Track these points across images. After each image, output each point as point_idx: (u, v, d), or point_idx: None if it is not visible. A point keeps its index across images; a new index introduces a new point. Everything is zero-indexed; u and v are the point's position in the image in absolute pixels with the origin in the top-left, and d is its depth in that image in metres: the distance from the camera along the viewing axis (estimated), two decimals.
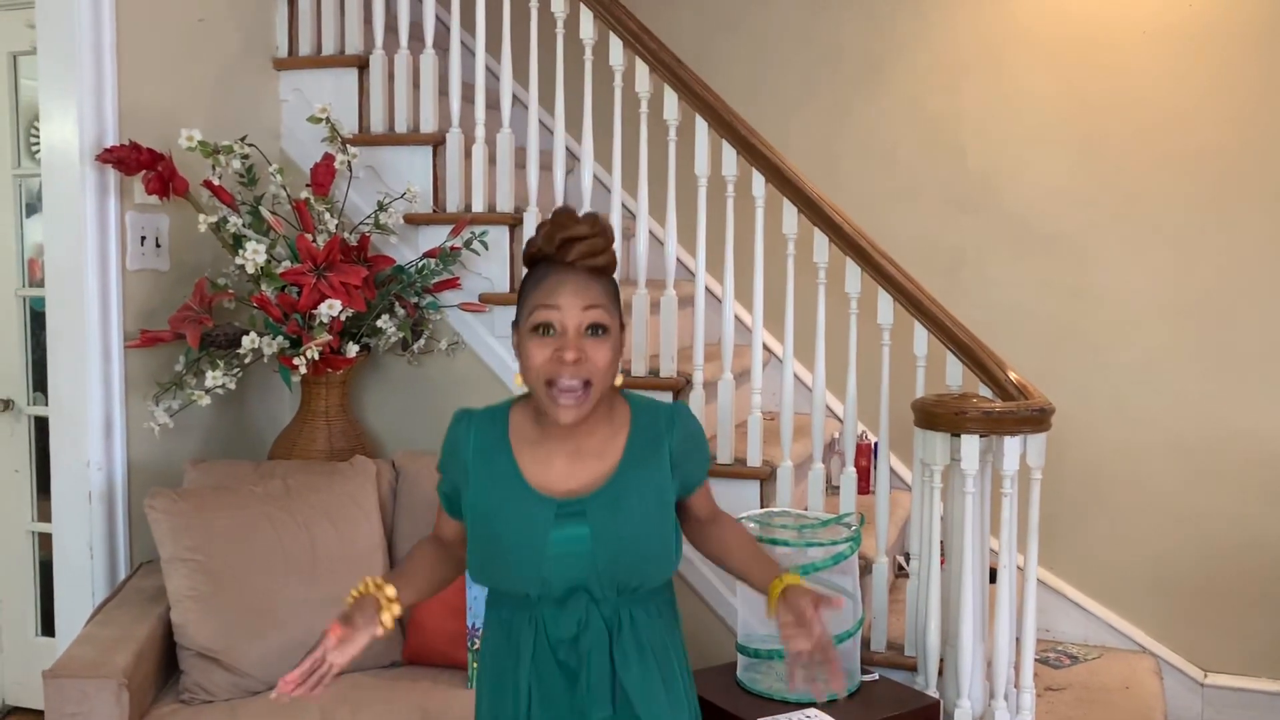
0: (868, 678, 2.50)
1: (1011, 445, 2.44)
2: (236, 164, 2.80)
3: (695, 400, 2.96)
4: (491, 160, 3.15)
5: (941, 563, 2.59)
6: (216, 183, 2.77)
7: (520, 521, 1.54)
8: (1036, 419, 2.45)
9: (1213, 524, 3.36)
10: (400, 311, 2.96)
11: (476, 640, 2.46)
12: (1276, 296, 3.29)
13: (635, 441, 1.58)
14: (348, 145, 2.95)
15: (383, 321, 2.89)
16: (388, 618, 1.56)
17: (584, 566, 1.53)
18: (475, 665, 2.05)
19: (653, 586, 1.59)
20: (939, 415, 2.47)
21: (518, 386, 1.57)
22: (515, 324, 1.55)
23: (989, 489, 2.59)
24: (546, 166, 3.28)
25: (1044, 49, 3.48)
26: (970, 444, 2.43)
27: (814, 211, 2.80)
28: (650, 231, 3.07)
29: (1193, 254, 3.36)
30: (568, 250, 1.49)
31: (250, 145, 2.85)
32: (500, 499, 1.55)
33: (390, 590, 1.58)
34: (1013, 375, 2.59)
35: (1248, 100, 3.29)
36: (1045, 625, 3.49)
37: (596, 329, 1.50)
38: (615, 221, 3.04)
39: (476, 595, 2.46)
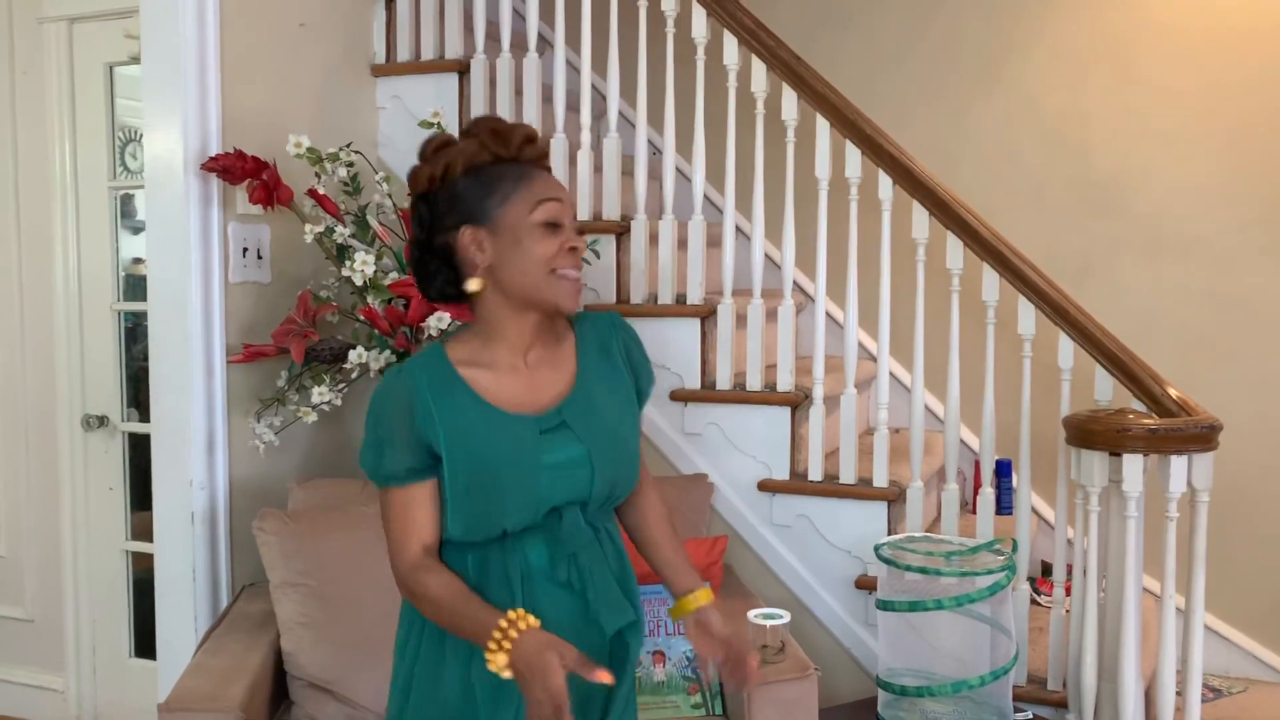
0: (1020, 716, 2.32)
1: (1178, 465, 2.25)
2: (342, 172, 2.70)
3: (815, 415, 2.81)
4: (597, 168, 3.03)
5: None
6: (321, 191, 2.67)
7: (509, 446, 1.47)
8: (1205, 437, 2.26)
9: None
10: None
11: None
12: None
13: (584, 347, 1.57)
14: None
15: None
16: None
17: (583, 480, 1.49)
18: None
19: (624, 498, 1.58)
20: (1096, 433, 2.28)
21: (474, 287, 1.50)
22: (477, 221, 1.49)
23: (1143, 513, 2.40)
24: (655, 176, 3.15)
25: (1178, 41, 3.28)
26: (1133, 464, 2.24)
27: (947, 214, 2.64)
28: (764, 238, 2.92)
29: None
30: (528, 150, 1.53)
31: (355, 152, 2.75)
32: (480, 430, 1.47)
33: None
34: (1172, 390, 2.40)
35: None
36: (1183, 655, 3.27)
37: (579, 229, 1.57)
38: (728, 231, 2.91)
39: None
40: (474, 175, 1.51)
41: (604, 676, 1.32)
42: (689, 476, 2.87)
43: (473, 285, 1.50)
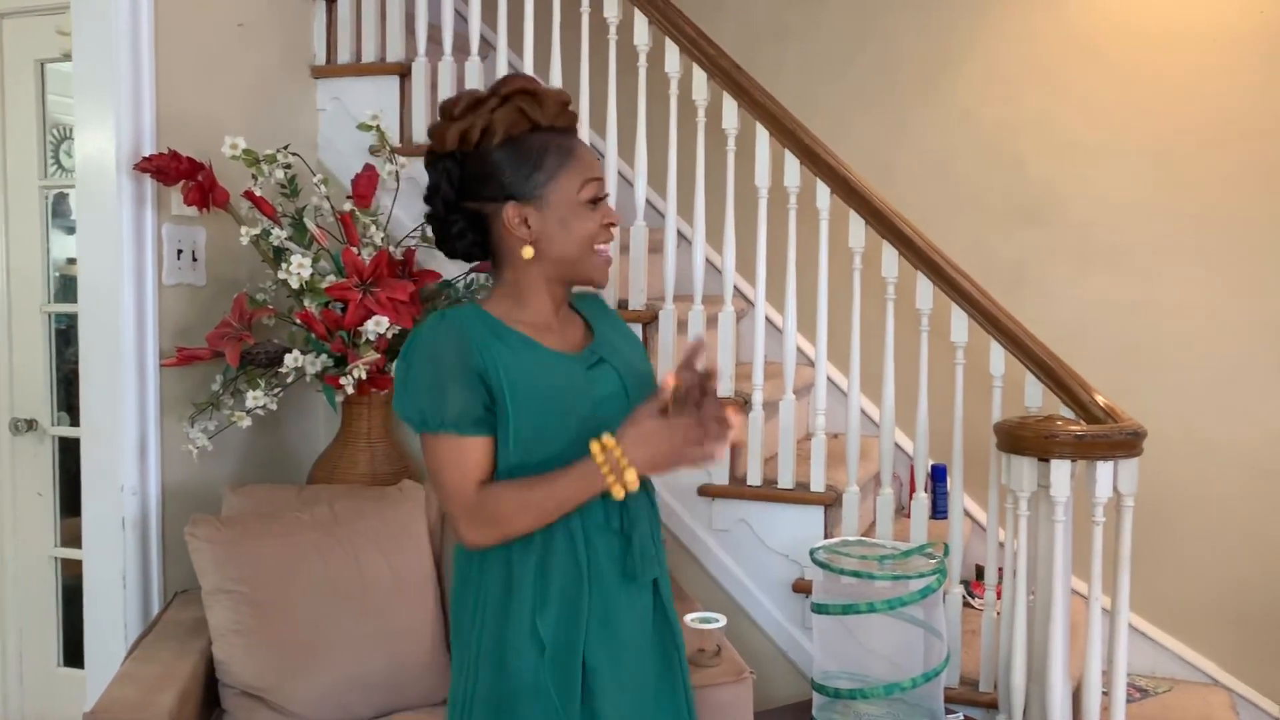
0: (951, 717, 2.36)
1: (1104, 471, 2.30)
2: (279, 174, 2.68)
3: (755, 421, 2.83)
4: None
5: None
6: (258, 193, 2.64)
7: (568, 380, 1.51)
8: (1130, 443, 2.32)
9: None
10: None
11: None
12: None
13: (587, 311, 1.65)
14: (396, 155, 2.83)
15: None
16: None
17: (624, 412, 1.49)
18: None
19: None
20: (1026, 439, 2.33)
21: (529, 255, 1.52)
22: (523, 196, 1.50)
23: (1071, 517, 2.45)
24: None
25: (1104, 59, 3.36)
26: (1060, 469, 2.30)
27: (883, 224, 2.68)
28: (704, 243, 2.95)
29: (1268, 268, 3.23)
30: (565, 116, 1.54)
31: (293, 154, 2.73)
32: (538, 368, 1.50)
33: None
34: (1099, 398, 2.45)
35: None
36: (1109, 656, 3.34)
37: None
38: (670, 237, 2.93)
39: None
40: (512, 144, 1.51)
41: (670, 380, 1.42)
42: None
43: (528, 253, 1.51)
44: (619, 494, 1.42)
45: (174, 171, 2.51)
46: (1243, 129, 3.24)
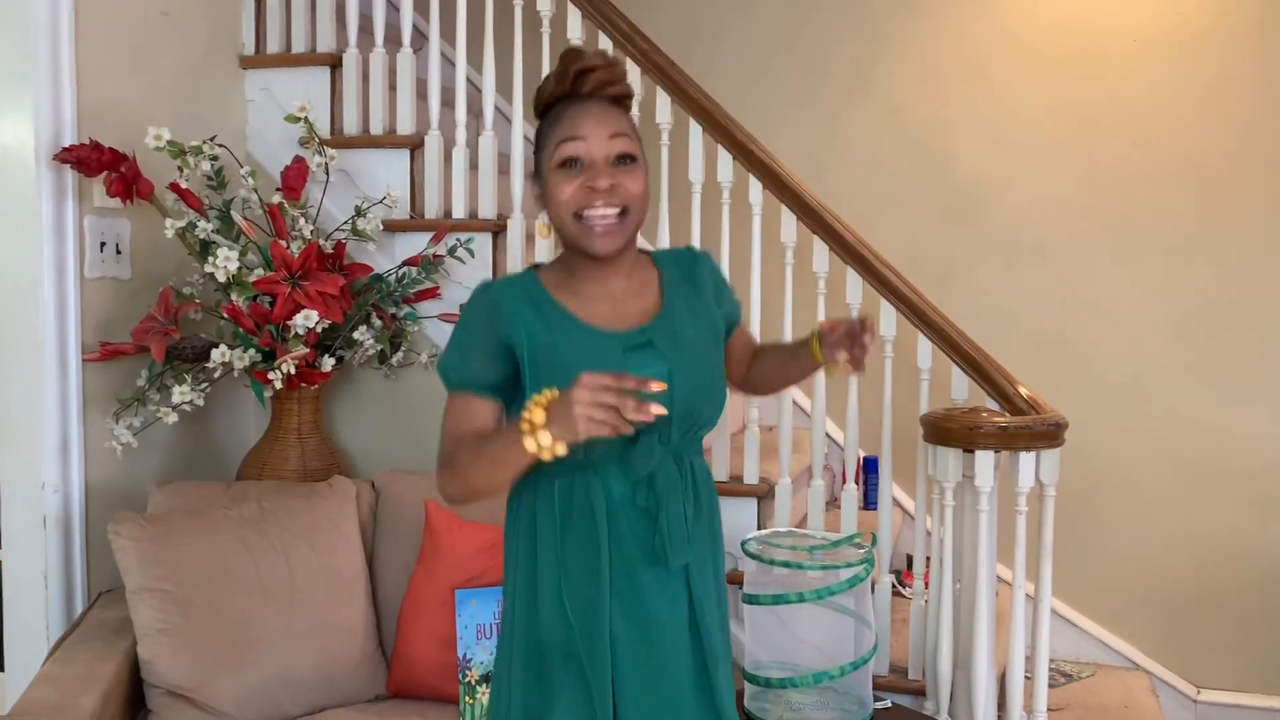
0: (880, 705, 2.40)
1: (1026, 461, 2.36)
2: (206, 166, 2.63)
3: None
4: (473, 165, 3.02)
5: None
6: (184, 185, 2.60)
7: (592, 357, 1.45)
8: (1052, 434, 2.37)
9: (1207, 538, 3.33)
10: (377, 322, 2.80)
11: (469, 672, 2.32)
12: (1273, 306, 3.27)
13: (669, 280, 1.59)
14: (325, 146, 2.79)
15: (359, 333, 2.73)
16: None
17: (664, 400, 1.42)
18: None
19: (709, 427, 1.56)
20: (951, 430, 2.38)
21: (542, 237, 1.58)
22: (535, 173, 1.53)
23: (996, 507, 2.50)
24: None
25: (1032, 58, 3.44)
26: (985, 460, 2.34)
27: (814, 219, 2.71)
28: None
29: (1188, 264, 3.33)
30: (583, 82, 1.49)
31: (220, 146, 2.68)
32: (564, 341, 1.47)
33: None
34: (1023, 390, 2.51)
35: (1242, 108, 3.27)
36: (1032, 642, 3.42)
37: (625, 158, 1.48)
38: None
39: (466, 624, 2.33)
40: (544, 118, 1.53)
41: (654, 383, 1.29)
42: None
43: (541, 233, 1.57)
44: (531, 448, 1.29)
45: (96, 163, 2.45)
46: (1163, 128, 3.33)
